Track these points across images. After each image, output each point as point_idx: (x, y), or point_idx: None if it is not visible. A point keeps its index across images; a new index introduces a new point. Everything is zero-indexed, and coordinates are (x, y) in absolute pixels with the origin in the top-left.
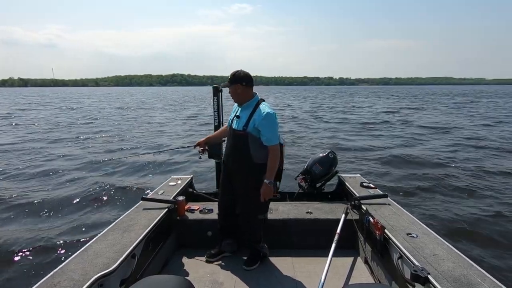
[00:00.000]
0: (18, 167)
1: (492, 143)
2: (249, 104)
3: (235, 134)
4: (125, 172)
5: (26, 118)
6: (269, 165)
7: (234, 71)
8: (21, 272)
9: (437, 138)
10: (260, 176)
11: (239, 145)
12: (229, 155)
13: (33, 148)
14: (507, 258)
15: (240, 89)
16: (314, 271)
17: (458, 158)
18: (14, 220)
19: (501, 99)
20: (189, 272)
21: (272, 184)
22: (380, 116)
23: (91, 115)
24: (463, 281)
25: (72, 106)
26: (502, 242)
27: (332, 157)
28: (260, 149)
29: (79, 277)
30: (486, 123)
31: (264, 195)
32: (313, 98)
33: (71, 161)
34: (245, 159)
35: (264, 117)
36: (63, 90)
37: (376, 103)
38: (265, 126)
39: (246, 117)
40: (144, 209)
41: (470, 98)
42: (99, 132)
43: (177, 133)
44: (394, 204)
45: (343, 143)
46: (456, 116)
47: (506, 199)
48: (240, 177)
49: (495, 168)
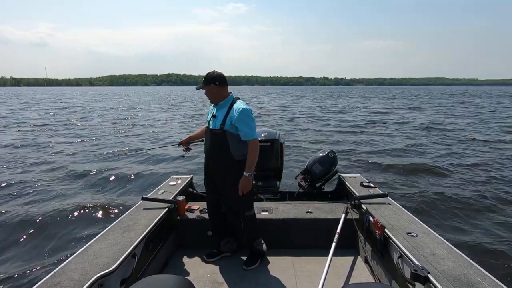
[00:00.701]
0: (18, 163)
1: (492, 143)
2: (224, 103)
3: (212, 134)
4: (125, 172)
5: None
6: (249, 158)
7: (207, 73)
8: (21, 272)
9: (437, 139)
10: (240, 172)
11: (217, 143)
12: (209, 155)
13: (36, 143)
14: (507, 257)
15: (214, 89)
16: (314, 270)
17: (458, 158)
18: (14, 220)
19: (498, 99)
20: (189, 271)
21: (252, 176)
22: (379, 116)
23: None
24: (463, 280)
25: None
26: (502, 241)
27: (332, 156)
28: (238, 145)
29: (79, 277)
30: (486, 125)
31: (243, 188)
32: (311, 99)
33: (70, 160)
34: (225, 157)
35: (240, 113)
36: (57, 90)
37: (373, 103)
38: (242, 121)
39: (222, 116)
40: (144, 208)
41: (466, 98)
42: (100, 132)
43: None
44: (394, 203)
45: (343, 143)
46: (455, 117)
47: (506, 198)
48: (221, 175)
49: (494, 168)
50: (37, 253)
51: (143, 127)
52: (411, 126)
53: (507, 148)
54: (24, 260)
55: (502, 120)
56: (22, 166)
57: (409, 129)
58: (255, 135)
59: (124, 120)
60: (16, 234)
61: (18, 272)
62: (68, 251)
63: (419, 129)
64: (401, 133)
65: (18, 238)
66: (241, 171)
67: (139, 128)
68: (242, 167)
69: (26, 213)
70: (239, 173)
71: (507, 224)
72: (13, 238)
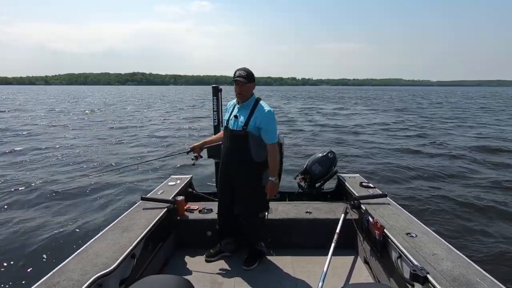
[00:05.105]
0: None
1: (493, 143)
2: (249, 103)
3: (233, 135)
4: (124, 172)
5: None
6: (271, 164)
7: (243, 68)
8: (20, 272)
9: (436, 138)
10: (261, 174)
11: (239, 145)
12: (228, 157)
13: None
14: (506, 257)
15: (252, 88)
16: (313, 270)
17: (457, 158)
18: (12, 220)
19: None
20: (189, 271)
21: (277, 180)
22: (378, 116)
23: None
24: (462, 280)
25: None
26: (502, 242)
27: (332, 157)
28: (259, 147)
29: (78, 277)
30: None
31: (271, 192)
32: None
33: (70, 160)
34: (246, 159)
35: (266, 115)
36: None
37: (360, 104)
38: (268, 124)
39: (245, 117)
40: (143, 209)
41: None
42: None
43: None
44: (393, 203)
45: (343, 143)
46: (455, 118)
47: (506, 198)
48: (241, 177)
49: (494, 167)
50: (36, 253)
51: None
52: (411, 126)
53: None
54: (22, 260)
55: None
56: (22, 166)
57: (410, 130)
58: (276, 138)
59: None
60: (15, 234)
61: (17, 271)
62: (67, 250)
63: (420, 130)
64: (402, 133)
65: (17, 237)
66: (260, 173)
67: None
68: (261, 169)
69: (25, 212)
70: (258, 175)
71: (507, 224)
72: (12, 238)
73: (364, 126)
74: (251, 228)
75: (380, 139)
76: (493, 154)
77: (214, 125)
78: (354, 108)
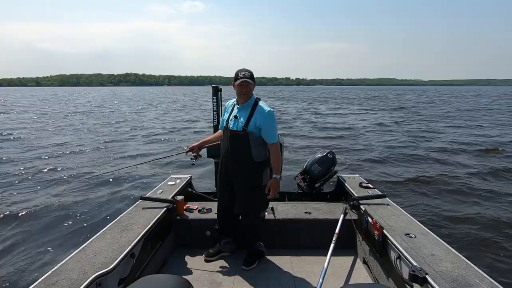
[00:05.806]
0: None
1: (491, 143)
2: (249, 103)
3: (233, 135)
4: (124, 172)
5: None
6: (275, 162)
7: (245, 69)
8: (19, 271)
9: (436, 138)
10: (261, 174)
11: (239, 146)
12: (228, 157)
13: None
14: (505, 259)
15: (254, 87)
16: (312, 271)
17: (456, 157)
18: (12, 219)
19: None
20: (188, 271)
21: (281, 179)
22: (378, 116)
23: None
24: (461, 281)
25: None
26: (501, 243)
27: (331, 157)
28: (259, 147)
29: (77, 276)
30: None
31: (274, 190)
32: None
33: (69, 160)
34: (246, 159)
35: (267, 115)
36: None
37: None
38: (268, 124)
39: (245, 117)
40: (143, 208)
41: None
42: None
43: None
44: (392, 204)
45: (343, 143)
46: (454, 118)
47: (505, 199)
48: (241, 177)
49: (494, 167)
50: (35, 252)
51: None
52: (411, 126)
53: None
54: (21, 259)
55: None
56: (21, 165)
57: (409, 129)
58: (277, 138)
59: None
60: (14, 233)
61: (16, 271)
62: (66, 250)
63: (419, 130)
64: (401, 133)
65: (16, 237)
66: (261, 173)
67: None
68: (262, 169)
69: (24, 212)
70: (259, 175)
71: (506, 224)
72: (10, 237)
73: (364, 126)
74: (251, 228)
75: (380, 139)
76: (493, 154)
77: (214, 125)
78: (352, 107)
